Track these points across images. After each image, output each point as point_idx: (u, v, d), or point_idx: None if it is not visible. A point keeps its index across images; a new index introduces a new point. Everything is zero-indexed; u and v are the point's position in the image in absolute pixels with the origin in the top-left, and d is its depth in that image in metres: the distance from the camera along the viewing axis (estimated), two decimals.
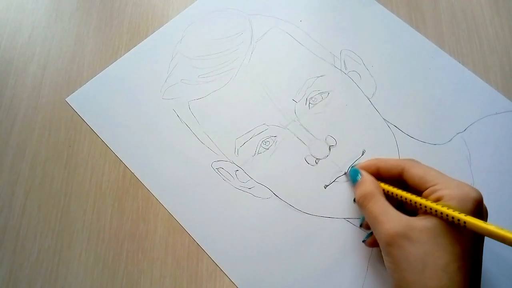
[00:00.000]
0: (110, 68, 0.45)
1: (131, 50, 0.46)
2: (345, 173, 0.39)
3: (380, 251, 0.32)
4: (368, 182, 0.35)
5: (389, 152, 0.40)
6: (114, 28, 0.48)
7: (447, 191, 0.30)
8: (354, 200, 0.38)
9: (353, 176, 0.37)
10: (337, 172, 0.40)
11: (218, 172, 0.40)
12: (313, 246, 0.37)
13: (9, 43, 0.47)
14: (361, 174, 0.36)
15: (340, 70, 0.44)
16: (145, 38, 0.47)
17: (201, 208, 0.39)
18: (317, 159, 0.40)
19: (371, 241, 0.36)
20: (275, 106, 0.42)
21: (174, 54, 0.45)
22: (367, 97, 0.43)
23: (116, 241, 0.39)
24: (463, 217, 0.28)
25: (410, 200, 0.32)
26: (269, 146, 0.41)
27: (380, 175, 0.36)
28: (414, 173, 0.33)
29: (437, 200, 0.30)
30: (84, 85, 0.45)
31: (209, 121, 0.42)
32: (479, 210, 0.30)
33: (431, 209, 0.30)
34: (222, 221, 0.39)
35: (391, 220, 0.31)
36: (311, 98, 0.42)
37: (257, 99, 0.43)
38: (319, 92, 0.42)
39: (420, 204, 0.31)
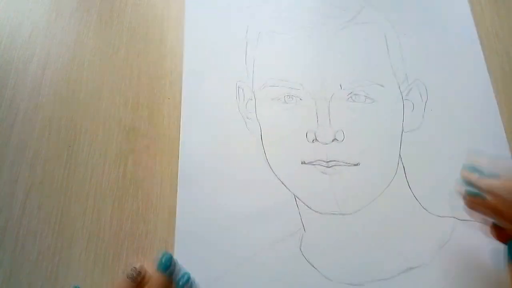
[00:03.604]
0: None
1: None
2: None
3: None
4: None
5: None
6: (114, 28, 0.48)
7: None
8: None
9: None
10: (322, 161, 0.40)
11: (237, 89, 0.43)
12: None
13: (9, 43, 0.47)
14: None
15: (400, 92, 0.43)
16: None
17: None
18: (315, 139, 0.41)
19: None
20: (322, 76, 0.43)
21: None
22: (402, 128, 0.42)
23: (116, 241, 0.39)
24: None
25: None
26: (290, 102, 0.42)
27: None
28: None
29: None
30: None
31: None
32: None
33: None
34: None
35: None
36: (356, 94, 0.42)
37: (316, 61, 0.44)
38: (366, 95, 0.42)
39: None
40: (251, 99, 0.43)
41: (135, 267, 0.31)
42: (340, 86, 0.42)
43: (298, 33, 0.46)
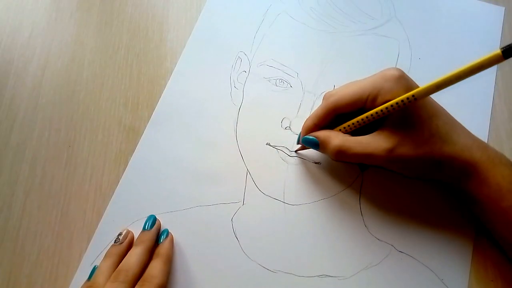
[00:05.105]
0: None
1: None
2: (298, 144, 0.40)
3: None
4: (331, 137, 0.35)
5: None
6: (114, 28, 0.48)
7: (378, 91, 0.33)
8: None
9: (311, 143, 0.37)
10: (286, 148, 0.41)
11: (236, 58, 0.45)
12: None
13: (9, 43, 0.47)
14: (317, 137, 0.36)
15: None
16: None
17: None
18: (289, 127, 0.42)
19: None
20: (320, 72, 0.43)
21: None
22: None
23: None
24: (409, 93, 0.31)
25: (367, 117, 0.34)
26: (280, 85, 0.43)
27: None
28: (344, 103, 0.35)
29: (380, 103, 0.33)
30: None
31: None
32: (408, 81, 0.33)
33: (386, 109, 0.32)
34: None
35: (376, 146, 0.33)
36: None
37: (321, 56, 0.44)
38: None
39: (374, 114, 0.33)
40: (245, 72, 0.44)
41: (120, 232, 0.37)
42: (334, 87, 0.43)
43: (317, 26, 0.46)
